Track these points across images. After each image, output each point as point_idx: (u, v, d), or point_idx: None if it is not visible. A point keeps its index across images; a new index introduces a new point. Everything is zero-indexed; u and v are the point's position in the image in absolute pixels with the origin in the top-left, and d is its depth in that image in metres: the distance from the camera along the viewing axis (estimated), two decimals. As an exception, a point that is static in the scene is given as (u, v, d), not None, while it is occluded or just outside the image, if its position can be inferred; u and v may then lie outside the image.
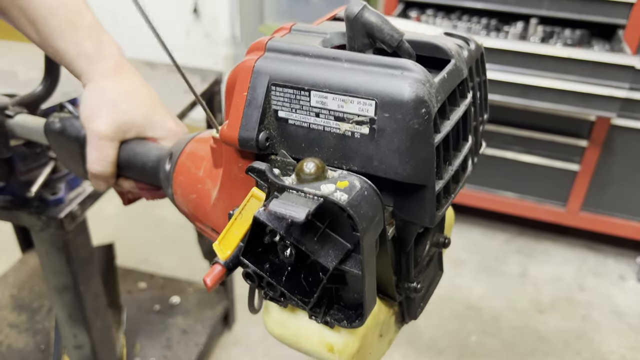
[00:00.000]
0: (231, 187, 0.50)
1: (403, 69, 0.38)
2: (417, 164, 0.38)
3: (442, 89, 0.40)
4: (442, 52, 0.43)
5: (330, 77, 0.40)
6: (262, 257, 0.43)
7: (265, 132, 0.43)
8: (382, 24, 0.41)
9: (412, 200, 0.41)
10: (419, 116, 0.37)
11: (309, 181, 0.40)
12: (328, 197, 0.37)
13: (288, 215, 0.36)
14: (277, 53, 0.43)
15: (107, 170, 0.63)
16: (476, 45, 0.48)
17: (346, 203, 0.36)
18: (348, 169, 0.41)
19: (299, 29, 0.47)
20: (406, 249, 0.45)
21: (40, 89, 0.83)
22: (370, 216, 0.38)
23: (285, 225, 0.39)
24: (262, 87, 0.42)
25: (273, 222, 0.39)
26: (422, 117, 0.37)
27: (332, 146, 0.41)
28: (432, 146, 0.38)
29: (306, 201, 0.37)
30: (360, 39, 0.42)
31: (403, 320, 0.53)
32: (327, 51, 0.41)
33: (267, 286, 0.43)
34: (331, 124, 0.40)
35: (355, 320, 0.42)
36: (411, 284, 0.48)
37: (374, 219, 0.38)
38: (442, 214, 0.42)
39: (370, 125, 0.39)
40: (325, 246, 0.39)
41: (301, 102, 0.41)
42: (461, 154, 0.44)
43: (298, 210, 0.36)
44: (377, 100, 0.38)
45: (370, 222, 0.38)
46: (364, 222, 0.37)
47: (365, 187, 0.39)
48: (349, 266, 0.39)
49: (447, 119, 0.41)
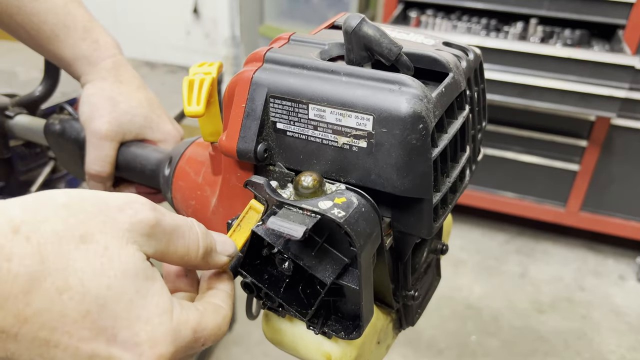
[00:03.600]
0: (230, 195, 0.50)
1: (401, 84, 0.38)
2: (414, 178, 0.39)
3: (440, 103, 0.40)
4: (440, 65, 0.43)
5: (329, 91, 0.40)
6: (260, 269, 0.43)
7: (264, 144, 0.43)
8: (381, 37, 0.41)
9: (409, 212, 0.41)
10: (417, 132, 0.37)
11: (306, 195, 0.40)
12: (325, 214, 0.37)
13: (286, 234, 0.37)
14: (275, 64, 0.43)
15: (106, 171, 0.63)
16: (475, 55, 0.48)
17: (343, 221, 0.37)
18: (346, 181, 0.41)
19: (297, 39, 0.47)
20: (404, 259, 0.46)
21: (40, 89, 0.83)
22: (367, 233, 0.38)
23: (283, 241, 0.39)
24: (260, 98, 0.42)
25: (271, 238, 0.40)
26: (419, 132, 0.37)
27: (330, 159, 0.41)
28: (429, 160, 0.38)
29: (304, 218, 0.38)
30: (358, 51, 0.42)
31: (400, 326, 0.53)
32: (326, 64, 0.41)
33: (265, 297, 0.43)
34: (329, 137, 0.41)
35: (353, 332, 0.42)
36: (409, 292, 0.48)
37: (372, 235, 0.39)
38: (439, 225, 0.43)
39: (368, 140, 0.39)
40: (323, 261, 0.40)
41: (299, 115, 0.41)
42: (459, 165, 0.44)
43: (296, 228, 0.36)
44: (374, 115, 0.38)
45: (367, 238, 0.38)
46: (362, 239, 0.37)
47: (362, 204, 0.39)
48: (346, 281, 0.39)
49: (445, 132, 0.41)
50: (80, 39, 0.63)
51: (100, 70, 0.64)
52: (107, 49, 0.65)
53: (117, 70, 0.65)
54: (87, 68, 0.64)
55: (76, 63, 0.64)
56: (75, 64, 0.64)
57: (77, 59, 0.64)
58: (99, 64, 0.64)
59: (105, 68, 0.64)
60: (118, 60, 0.65)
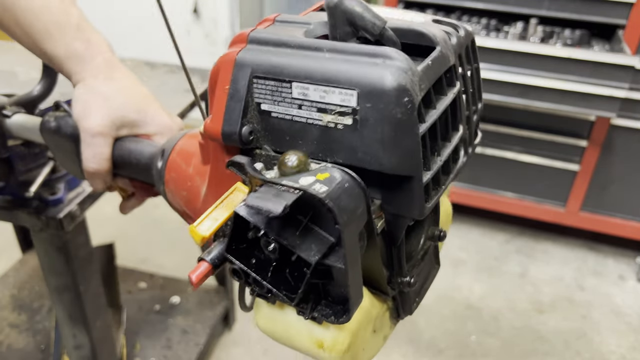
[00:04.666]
0: (219, 183, 0.50)
1: (385, 57, 0.37)
2: (402, 155, 0.38)
3: (427, 77, 0.39)
4: (427, 39, 0.42)
5: (311, 68, 0.39)
6: (247, 253, 0.42)
7: (249, 126, 0.43)
8: (364, 11, 0.40)
9: (399, 192, 0.40)
10: (402, 105, 0.36)
11: (291, 174, 0.39)
12: (307, 189, 0.36)
13: (265, 209, 0.36)
14: (258, 45, 0.42)
15: (103, 168, 0.63)
16: (466, 31, 0.46)
17: (325, 195, 0.35)
18: (333, 161, 0.40)
19: (282, 19, 0.46)
20: (397, 243, 0.44)
21: (38, 88, 0.83)
22: (351, 208, 0.37)
23: (265, 220, 0.38)
24: (244, 79, 0.42)
25: (253, 217, 0.38)
26: (404, 106, 0.36)
27: (316, 139, 0.41)
28: (416, 136, 0.38)
29: (285, 195, 0.37)
30: (342, 27, 0.41)
31: (398, 315, 0.52)
32: (309, 41, 0.41)
33: (253, 283, 0.42)
34: (314, 115, 0.40)
35: (343, 316, 0.41)
36: (404, 278, 0.47)
37: (356, 211, 0.38)
38: (431, 205, 0.41)
39: (353, 116, 0.38)
40: (307, 240, 0.38)
41: (283, 94, 0.41)
42: (451, 144, 0.43)
43: (275, 204, 0.35)
44: (358, 90, 0.37)
45: (351, 214, 0.37)
46: (345, 214, 0.36)
47: (346, 179, 0.38)
48: (332, 261, 0.38)
49: (434, 108, 0.40)
50: (73, 38, 0.63)
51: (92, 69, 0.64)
52: (99, 48, 0.65)
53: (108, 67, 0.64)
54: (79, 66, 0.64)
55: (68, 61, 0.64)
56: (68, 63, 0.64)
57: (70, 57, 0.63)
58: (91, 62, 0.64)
59: (96, 66, 0.64)
60: (109, 58, 0.65)
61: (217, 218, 0.43)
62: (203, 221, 0.43)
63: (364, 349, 0.47)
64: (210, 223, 0.43)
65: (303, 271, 0.40)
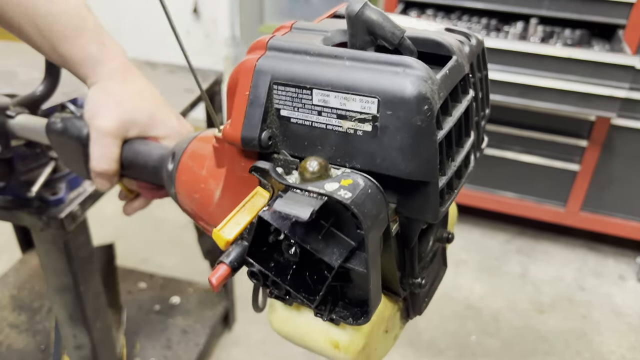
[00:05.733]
0: (235, 186, 0.50)
1: (405, 66, 0.38)
2: (420, 161, 0.38)
3: (444, 85, 0.40)
4: (444, 48, 0.43)
5: (332, 75, 0.40)
6: (266, 256, 0.42)
7: (268, 131, 0.43)
8: (384, 21, 0.41)
9: (415, 196, 0.41)
10: (422, 113, 0.37)
11: (312, 180, 0.40)
12: (332, 195, 0.37)
13: (292, 215, 0.36)
14: (278, 52, 0.43)
15: (112, 168, 0.63)
16: (477, 40, 0.47)
17: (350, 201, 0.36)
18: (351, 167, 0.41)
19: (299, 27, 0.47)
20: (410, 245, 0.45)
21: (40, 89, 0.83)
22: (374, 214, 0.38)
23: (289, 225, 0.39)
24: (264, 86, 0.42)
25: (277, 222, 0.39)
26: (424, 114, 0.37)
27: (335, 144, 0.41)
28: (435, 143, 0.38)
29: (310, 200, 0.37)
30: (361, 36, 0.42)
31: (408, 315, 0.53)
32: (329, 49, 0.41)
33: (272, 285, 0.43)
34: (333, 122, 0.40)
35: (361, 318, 0.41)
36: (415, 279, 0.48)
37: (378, 216, 0.38)
38: (445, 210, 0.42)
39: (373, 123, 0.39)
40: (330, 244, 0.39)
41: (303, 101, 0.41)
42: (463, 150, 0.44)
43: (302, 210, 0.36)
44: (379, 98, 0.38)
45: (374, 220, 0.38)
46: (369, 220, 0.37)
47: (369, 185, 0.39)
48: (353, 264, 0.39)
49: (450, 115, 0.41)
50: (89, 41, 0.65)
51: (107, 71, 0.65)
52: (114, 51, 0.66)
53: (122, 71, 0.66)
54: (94, 69, 0.65)
55: (84, 64, 0.65)
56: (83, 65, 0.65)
57: (85, 60, 0.65)
58: (106, 65, 0.65)
59: (111, 69, 0.65)
60: (123, 61, 0.67)
61: (239, 222, 0.43)
62: (226, 225, 0.44)
63: (377, 348, 0.48)
64: (233, 227, 0.43)
65: (323, 274, 0.41)
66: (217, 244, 0.44)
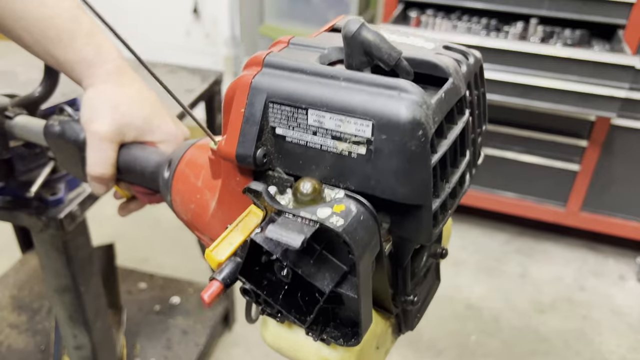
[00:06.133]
0: (229, 200, 0.50)
1: (400, 90, 0.38)
2: (413, 185, 0.38)
3: (439, 109, 0.40)
4: (440, 70, 0.43)
5: (328, 96, 0.40)
6: (259, 275, 0.43)
7: (263, 149, 0.43)
8: (380, 42, 0.40)
9: (409, 218, 0.41)
10: (416, 138, 0.37)
11: (305, 202, 0.40)
12: (324, 223, 0.37)
13: (284, 242, 0.36)
14: (274, 69, 0.42)
15: (108, 173, 0.63)
16: (475, 59, 0.47)
17: (342, 230, 0.36)
18: (345, 187, 0.41)
19: (296, 42, 0.47)
20: (403, 265, 0.45)
21: (39, 89, 0.83)
22: (366, 241, 0.38)
23: (281, 250, 0.39)
24: (259, 103, 0.42)
25: (269, 245, 0.39)
26: (418, 139, 0.37)
27: (330, 165, 0.41)
28: (429, 168, 0.38)
29: (302, 227, 0.37)
30: (358, 56, 0.41)
31: (400, 330, 0.53)
32: (325, 69, 0.41)
33: (264, 303, 0.43)
34: (328, 142, 0.40)
35: (352, 339, 0.41)
36: (408, 297, 0.48)
37: (370, 243, 0.38)
38: (439, 231, 0.42)
39: (367, 146, 0.39)
40: (321, 269, 0.39)
41: (298, 120, 0.41)
42: (459, 170, 0.44)
43: (294, 237, 0.36)
44: (374, 121, 0.38)
45: (366, 246, 0.38)
46: (360, 247, 0.37)
47: (361, 212, 0.39)
48: (345, 289, 0.39)
49: (444, 138, 0.41)
50: (84, 44, 0.64)
51: (102, 74, 0.64)
52: (110, 54, 0.65)
53: (118, 74, 0.65)
54: (89, 71, 0.64)
55: (79, 67, 0.64)
56: (78, 68, 0.64)
57: (80, 63, 0.64)
58: (101, 68, 0.64)
59: (107, 72, 0.64)
60: (120, 64, 0.66)
61: (232, 242, 0.44)
62: (219, 246, 0.44)
63: None
64: (225, 247, 0.44)
65: (315, 296, 0.41)
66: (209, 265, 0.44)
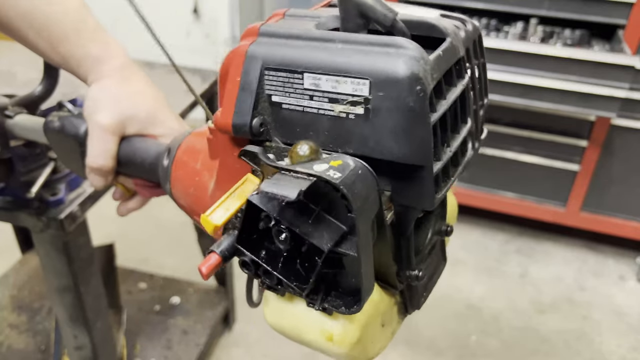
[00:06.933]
0: (228, 177, 0.49)
1: (397, 47, 0.37)
2: (413, 144, 0.38)
3: (438, 66, 0.39)
4: (438, 30, 0.42)
5: (323, 58, 0.39)
6: (257, 244, 0.42)
7: (259, 118, 0.43)
8: (375, 3, 0.40)
9: (410, 182, 0.40)
10: (414, 94, 0.36)
11: (303, 163, 0.39)
12: (321, 175, 0.36)
13: (280, 195, 0.36)
14: (270, 37, 0.42)
15: (107, 164, 0.63)
16: (473, 26, 0.47)
17: (339, 181, 0.36)
18: (344, 152, 0.40)
19: (292, 14, 0.47)
20: (406, 234, 0.44)
21: (39, 89, 0.83)
22: (364, 195, 0.37)
23: (278, 208, 0.38)
24: (255, 71, 0.42)
25: (267, 205, 0.38)
26: (417, 94, 0.36)
27: (327, 129, 0.41)
28: (428, 125, 0.37)
29: (299, 181, 0.37)
30: (353, 19, 0.41)
31: (406, 310, 0.52)
32: (320, 33, 0.41)
33: (263, 274, 0.42)
34: (325, 106, 0.40)
35: (354, 306, 0.41)
36: (412, 271, 0.47)
37: (369, 198, 0.38)
38: (441, 197, 0.41)
39: (365, 105, 0.38)
40: (319, 228, 0.38)
41: (294, 86, 0.41)
42: (460, 136, 0.43)
43: (290, 190, 0.36)
44: (371, 79, 0.37)
45: (364, 201, 0.37)
46: (358, 201, 0.36)
47: (359, 166, 0.38)
48: (344, 248, 0.38)
49: (444, 99, 0.40)
50: (90, 40, 0.65)
51: (108, 70, 0.65)
52: (116, 51, 0.66)
53: (123, 70, 0.66)
54: (95, 67, 0.65)
55: (85, 63, 0.65)
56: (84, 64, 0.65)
57: (86, 59, 0.65)
58: (107, 64, 0.65)
59: (112, 68, 0.65)
60: (125, 61, 0.66)
61: (228, 208, 0.43)
62: (215, 210, 0.43)
63: (373, 342, 0.47)
64: (222, 212, 0.43)
65: (314, 261, 0.40)
66: (206, 229, 0.43)
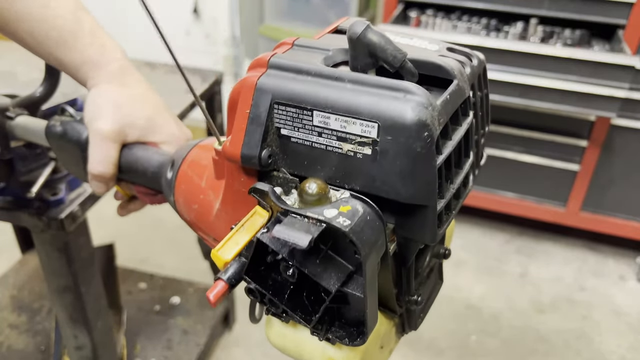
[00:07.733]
0: (233, 200, 0.50)
1: (406, 92, 0.38)
2: (419, 186, 0.39)
3: (445, 110, 0.40)
4: (445, 72, 0.43)
5: (333, 98, 0.40)
6: (264, 275, 0.43)
7: (268, 150, 0.43)
8: (385, 44, 0.41)
9: (413, 219, 0.41)
10: (422, 139, 0.37)
11: (311, 202, 0.40)
12: (331, 223, 0.37)
13: (291, 242, 0.36)
14: (279, 70, 0.43)
15: (109, 171, 0.63)
16: (479, 60, 0.47)
17: (349, 230, 0.37)
18: (350, 188, 0.41)
19: (301, 44, 0.47)
20: (407, 264, 0.45)
21: (40, 90, 0.83)
22: (372, 241, 0.38)
23: (288, 249, 0.39)
24: (264, 104, 0.42)
25: (276, 245, 0.39)
26: (424, 140, 0.37)
27: (335, 165, 0.41)
28: (434, 168, 0.38)
29: (309, 227, 0.37)
30: (363, 58, 0.42)
31: (403, 330, 0.53)
32: (330, 71, 0.41)
33: (269, 303, 0.43)
34: (334, 143, 0.41)
35: (357, 339, 0.42)
36: (412, 297, 0.48)
37: (377, 243, 0.39)
38: (443, 231, 0.42)
39: (373, 147, 0.39)
40: (327, 269, 0.40)
41: (304, 121, 0.41)
42: (462, 171, 0.44)
43: (301, 237, 0.36)
44: (379, 123, 0.38)
45: (372, 246, 0.38)
46: (367, 247, 0.37)
47: (367, 212, 0.39)
48: (351, 288, 0.39)
49: (449, 139, 0.41)
50: (87, 44, 0.64)
51: (106, 74, 0.64)
52: (114, 54, 0.66)
53: (122, 74, 0.65)
54: (93, 72, 0.64)
55: (83, 67, 0.64)
56: (82, 69, 0.65)
57: (84, 64, 0.64)
58: (105, 68, 0.64)
59: (111, 72, 0.65)
60: (124, 64, 0.66)
61: (238, 242, 0.43)
62: (225, 245, 0.44)
63: None
64: (231, 247, 0.44)
65: (320, 295, 0.41)
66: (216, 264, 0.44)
